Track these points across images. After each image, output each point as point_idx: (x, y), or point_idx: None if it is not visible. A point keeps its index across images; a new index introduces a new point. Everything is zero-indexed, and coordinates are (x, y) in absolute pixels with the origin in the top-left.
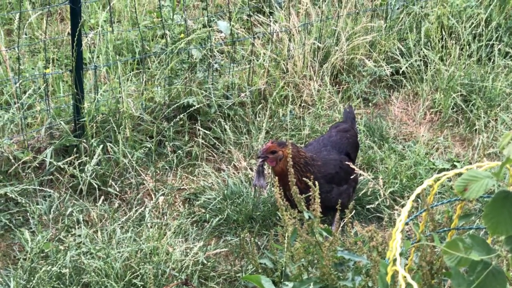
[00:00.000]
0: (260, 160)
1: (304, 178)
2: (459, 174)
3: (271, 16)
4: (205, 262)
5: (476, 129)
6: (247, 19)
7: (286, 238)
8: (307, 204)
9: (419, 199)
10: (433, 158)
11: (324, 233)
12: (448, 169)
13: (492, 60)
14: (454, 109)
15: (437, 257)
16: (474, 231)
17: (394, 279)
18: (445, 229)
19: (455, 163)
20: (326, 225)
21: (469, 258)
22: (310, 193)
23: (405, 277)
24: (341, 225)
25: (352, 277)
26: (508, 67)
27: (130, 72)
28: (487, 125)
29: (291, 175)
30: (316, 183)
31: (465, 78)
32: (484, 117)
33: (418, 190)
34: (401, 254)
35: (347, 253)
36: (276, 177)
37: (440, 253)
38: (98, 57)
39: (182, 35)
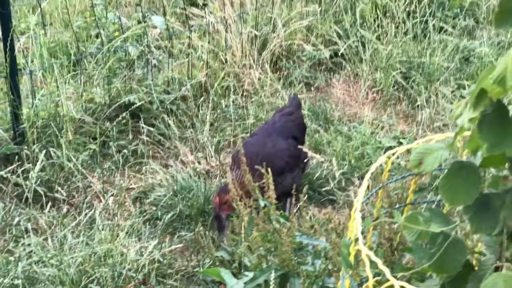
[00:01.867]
0: (223, 218)
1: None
2: (410, 150)
3: (205, 8)
4: (161, 260)
5: (418, 105)
6: (181, 13)
7: (242, 228)
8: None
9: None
10: (379, 137)
11: (282, 220)
12: (394, 147)
13: (427, 36)
14: (395, 87)
15: (395, 233)
16: (426, 205)
17: (356, 259)
18: (401, 205)
19: (400, 140)
20: (281, 211)
21: (429, 231)
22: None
23: (368, 255)
24: (296, 210)
25: (312, 261)
26: (443, 42)
27: (67, 75)
28: (429, 100)
29: (245, 171)
30: (269, 170)
31: (403, 55)
32: (425, 93)
33: (372, 168)
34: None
35: (306, 238)
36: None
37: (398, 230)
38: (32, 61)
39: (117, 33)
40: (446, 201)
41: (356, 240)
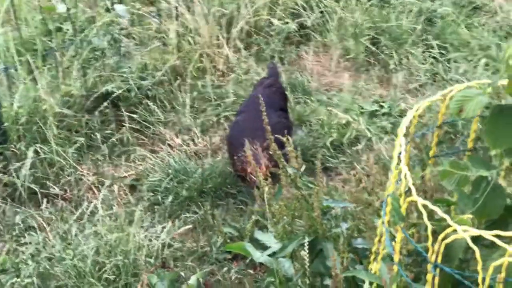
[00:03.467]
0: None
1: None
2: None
3: None
4: (172, 243)
5: (391, 69)
6: None
7: (265, 200)
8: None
9: (362, 141)
10: (359, 103)
11: (310, 185)
12: (377, 111)
13: (388, 2)
14: (365, 54)
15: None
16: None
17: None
18: (430, 156)
19: (381, 103)
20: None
21: (468, 177)
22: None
23: (425, 205)
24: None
25: (337, 224)
26: (405, 5)
27: (42, 68)
28: (401, 63)
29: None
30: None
31: (369, 22)
32: (395, 56)
33: (405, 122)
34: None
35: (332, 201)
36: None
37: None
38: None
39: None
40: (490, 145)
41: (406, 192)
